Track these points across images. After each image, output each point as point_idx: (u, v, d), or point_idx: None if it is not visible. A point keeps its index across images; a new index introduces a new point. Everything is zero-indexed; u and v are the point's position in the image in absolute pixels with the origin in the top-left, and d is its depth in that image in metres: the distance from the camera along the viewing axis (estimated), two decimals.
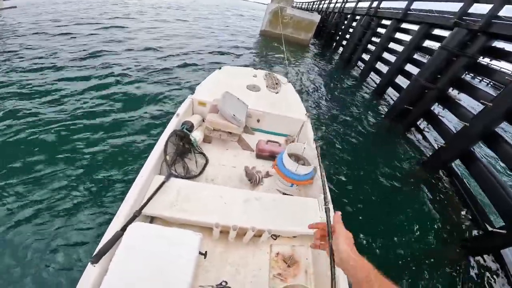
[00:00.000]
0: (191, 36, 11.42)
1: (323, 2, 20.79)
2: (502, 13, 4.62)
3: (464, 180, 4.72)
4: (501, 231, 3.18)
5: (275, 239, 1.79)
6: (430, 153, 5.39)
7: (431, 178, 4.80)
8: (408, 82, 6.48)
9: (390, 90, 8.25)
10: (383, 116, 6.96)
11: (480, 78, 22.16)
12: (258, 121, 2.92)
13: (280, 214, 1.74)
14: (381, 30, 9.56)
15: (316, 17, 14.08)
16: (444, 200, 4.37)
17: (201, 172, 2.19)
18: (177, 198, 1.68)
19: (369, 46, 10.41)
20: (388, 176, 4.55)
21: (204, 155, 2.38)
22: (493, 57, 4.91)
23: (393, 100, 7.82)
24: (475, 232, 3.79)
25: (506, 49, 4.66)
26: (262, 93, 3.28)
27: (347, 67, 11.29)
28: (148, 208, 1.55)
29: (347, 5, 14.25)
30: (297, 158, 2.33)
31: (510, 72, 3.96)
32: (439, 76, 5.56)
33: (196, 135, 2.41)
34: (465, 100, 5.26)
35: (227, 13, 27.38)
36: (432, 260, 3.23)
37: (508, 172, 4.30)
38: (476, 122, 4.33)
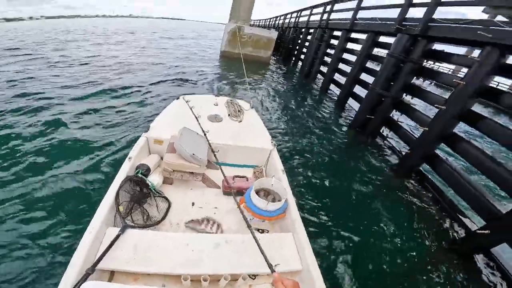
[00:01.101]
0: (144, 63, 11.16)
1: (278, 18, 21.91)
2: (437, 15, 4.99)
3: (436, 183, 4.83)
4: (484, 231, 3.22)
5: (253, 279, 1.76)
6: (398, 160, 5.50)
7: (404, 184, 4.87)
8: (366, 91, 6.73)
9: (351, 101, 8.55)
10: (347, 128, 7.12)
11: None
12: (223, 155, 2.86)
13: (255, 254, 1.67)
14: (335, 42, 10.07)
15: (274, 34, 14.66)
16: (422, 205, 4.42)
17: (163, 218, 2.10)
18: (136, 250, 1.61)
19: (326, 58, 10.88)
20: (362, 189, 4.56)
21: (165, 198, 2.28)
22: (436, 60, 5.22)
23: (355, 110, 8.06)
24: (461, 234, 3.82)
25: (446, 51, 4.96)
26: (224, 124, 3.27)
27: (307, 81, 11.67)
28: (104, 262, 1.48)
29: (301, 19, 15.09)
30: (266, 193, 2.36)
31: (451, 71, 4.16)
32: (392, 83, 5.82)
33: (154, 179, 2.31)
34: (422, 104, 5.53)
35: (186, 36, 27.86)
36: (424, 268, 3.21)
37: (476, 170, 4.44)
38: (434, 126, 4.50)
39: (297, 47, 15.28)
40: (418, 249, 3.52)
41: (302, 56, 13.83)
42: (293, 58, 15.72)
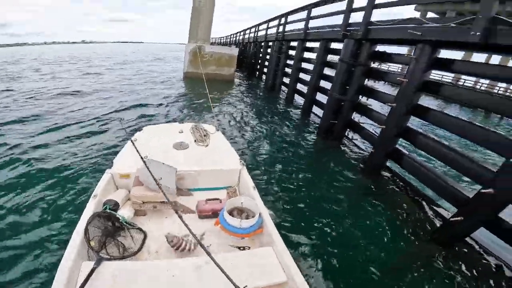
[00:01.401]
0: (102, 92, 10.66)
1: (238, 34, 22.49)
2: (378, 17, 5.34)
3: (405, 177, 5.05)
4: (457, 218, 3.34)
5: None
6: (365, 160, 5.69)
7: (375, 183, 5.03)
8: (326, 97, 6.99)
9: (315, 108, 8.86)
10: (315, 135, 7.32)
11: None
12: (193, 180, 2.91)
13: (239, 271, 1.72)
14: (293, 52, 10.47)
15: (235, 51, 14.97)
16: (396, 201, 4.57)
17: (140, 248, 2.09)
18: (116, 282, 1.61)
19: (287, 69, 11.26)
20: (336, 193, 4.65)
21: (140, 229, 2.27)
22: (381, 61, 5.55)
23: (319, 117, 8.33)
24: (438, 224, 3.96)
25: (388, 51, 5.31)
26: (191, 150, 3.32)
27: (273, 94, 11.96)
28: None
29: (260, 33, 15.59)
30: (240, 211, 2.44)
31: (399, 71, 4.44)
32: (347, 87, 6.10)
33: (125, 213, 2.33)
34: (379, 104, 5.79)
35: (145, 59, 27.61)
36: (407, 262, 3.27)
37: (438, 161, 4.70)
38: (389, 123, 4.73)
39: (259, 61, 15.69)
40: (400, 244, 3.61)
41: (265, 70, 14.19)
42: (257, 73, 16.10)
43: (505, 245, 3.18)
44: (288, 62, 11.19)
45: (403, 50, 5.97)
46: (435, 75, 20.94)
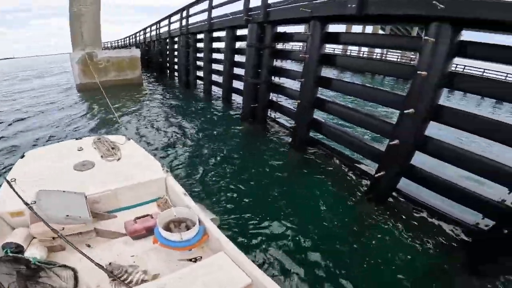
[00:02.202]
0: None
1: (138, 34, 21.32)
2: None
3: (330, 144, 5.75)
4: (380, 173, 3.93)
5: None
6: (291, 136, 6.32)
7: (304, 156, 5.62)
8: (243, 84, 7.41)
9: (235, 96, 9.26)
10: (240, 121, 7.72)
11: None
12: (112, 201, 2.65)
13: (201, 285, 1.70)
14: (201, 45, 10.58)
15: (136, 52, 14.18)
16: (328, 169, 5.18)
17: (76, 286, 1.90)
18: None
19: (198, 62, 11.33)
20: (272, 173, 5.01)
21: (65, 266, 2.00)
22: (284, 41, 6.19)
23: (240, 103, 8.76)
24: (368, 182, 4.60)
25: (288, 31, 5.97)
26: (99, 168, 2.95)
27: (189, 90, 11.91)
28: None
29: (162, 30, 15.13)
30: (177, 223, 2.32)
31: (300, 49, 5.06)
32: (259, 70, 6.60)
33: (35, 253, 2.00)
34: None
35: (23, 76, 23.82)
36: (351, 224, 3.79)
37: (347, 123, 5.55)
38: (302, 97, 5.34)
39: (167, 59, 15.30)
40: (341, 209, 4.11)
41: (176, 67, 13.96)
42: (168, 71, 15.69)
43: (431, 192, 3.84)
44: (199, 55, 11.27)
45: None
46: (330, 48, 24.19)
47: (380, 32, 24.81)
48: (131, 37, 24.89)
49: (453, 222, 3.66)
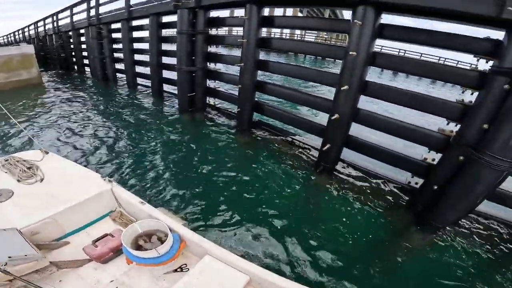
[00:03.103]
0: None
1: (27, 29, 18.50)
2: None
3: (275, 125, 6.30)
4: (325, 146, 4.50)
5: None
6: (235, 120, 6.65)
7: (251, 138, 6.02)
8: (175, 73, 7.31)
9: (167, 87, 9.05)
10: (177, 113, 7.67)
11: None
12: (56, 228, 2.36)
13: None
14: (118, 35, 9.90)
15: (28, 48, 12.23)
16: (275, 148, 5.64)
17: None
18: None
19: (117, 54, 10.59)
20: (223, 161, 5.21)
21: None
22: (218, 26, 6.42)
23: (175, 94, 8.67)
24: (315, 157, 5.16)
25: (221, 16, 6.24)
26: (20, 195, 2.54)
27: (108, 85, 11.04)
28: None
29: (62, 22, 13.48)
30: (147, 236, 2.21)
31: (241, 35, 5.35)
32: (193, 57, 6.68)
33: None
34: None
35: None
36: (306, 199, 4.30)
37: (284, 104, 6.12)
38: (243, 81, 5.69)
39: (73, 53, 13.79)
40: (294, 184, 4.57)
41: (86, 61, 12.71)
42: (75, 66, 14.15)
43: (370, 159, 4.62)
44: (116, 46, 10.52)
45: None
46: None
47: (299, 14, 27.05)
48: (17, 33, 21.31)
49: (391, 183, 4.61)
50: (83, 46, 12.51)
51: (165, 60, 8.42)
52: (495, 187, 3.28)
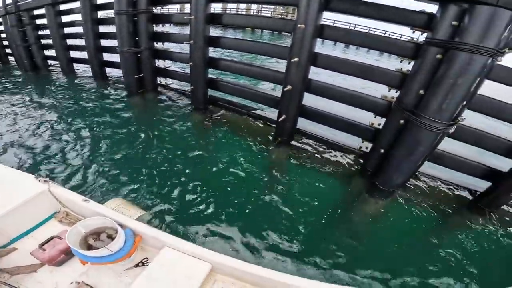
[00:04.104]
0: None
1: None
2: None
3: (231, 99, 6.43)
4: (281, 117, 4.81)
5: None
6: (189, 99, 6.76)
7: (208, 114, 6.21)
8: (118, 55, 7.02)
9: (109, 70, 8.66)
10: (126, 96, 7.44)
11: None
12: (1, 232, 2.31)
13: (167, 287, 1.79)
14: (44, 21, 8.99)
15: None
16: (234, 122, 5.84)
17: None
18: None
19: (46, 41, 9.65)
20: (180, 141, 5.30)
21: None
22: (162, 4, 6.22)
23: (119, 76, 8.36)
24: (272, 130, 5.47)
25: None
26: None
27: (40, 73, 10.10)
28: None
29: None
30: (95, 235, 2.18)
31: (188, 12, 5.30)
32: (137, 38, 6.51)
33: None
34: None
35: None
36: (266, 169, 4.58)
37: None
38: (194, 58, 5.76)
39: None
40: (255, 157, 4.82)
41: (9, 50, 11.36)
42: None
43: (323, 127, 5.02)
44: (42, 33, 9.56)
45: None
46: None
47: None
48: None
49: (345, 150, 5.13)
50: (3, 35, 11.10)
51: (105, 42, 7.99)
52: (433, 148, 3.72)
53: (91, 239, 2.15)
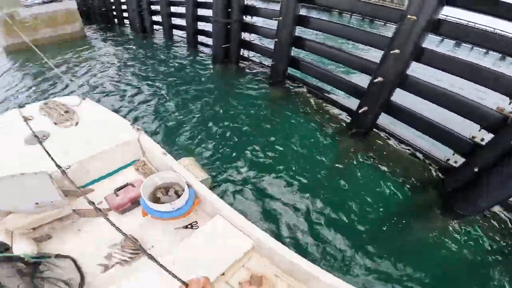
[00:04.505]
0: None
1: None
2: None
3: (307, 80, 6.22)
4: (362, 109, 4.43)
5: (223, 275, 1.80)
6: (268, 72, 6.77)
7: (283, 91, 6.14)
8: (211, 25, 7.35)
9: (202, 38, 9.17)
10: (212, 63, 7.88)
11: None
12: (83, 173, 2.45)
13: (203, 255, 1.78)
14: None
15: (71, 3, 12.72)
16: (308, 105, 5.67)
17: (82, 276, 1.87)
18: None
19: (154, 7, 10.65)
20: (255, 112, 5.38)
21: (62, 256, 1.95)
22: None
23: (209, 46, 8.82)
24: (348, 118, 5.20)
25: None
26: (56, 137, 2.63)
27: (146, 36, 11.41)
28: None
29: None
30: (164, 189, 2.27)
31: None
32: (229, 9, 6.66)
33: (23, 248, 1.87)
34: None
35: None
36: (336, 160, 4.33)
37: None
38: (281, 36, 5.65)
39: (113, 7, 14.07)
40: (326, 145, 4.57)
41: (126, 14, 12.97)
42: (116, 20, 14.49)
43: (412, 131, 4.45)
44: None
45: None
46: None
47: None
48: None
49: (427, 157, 4.41)
50: (122, 0, 12.66)
51: (201, 12, 8.42)
52: None
53: (160, 192, 2.23)
